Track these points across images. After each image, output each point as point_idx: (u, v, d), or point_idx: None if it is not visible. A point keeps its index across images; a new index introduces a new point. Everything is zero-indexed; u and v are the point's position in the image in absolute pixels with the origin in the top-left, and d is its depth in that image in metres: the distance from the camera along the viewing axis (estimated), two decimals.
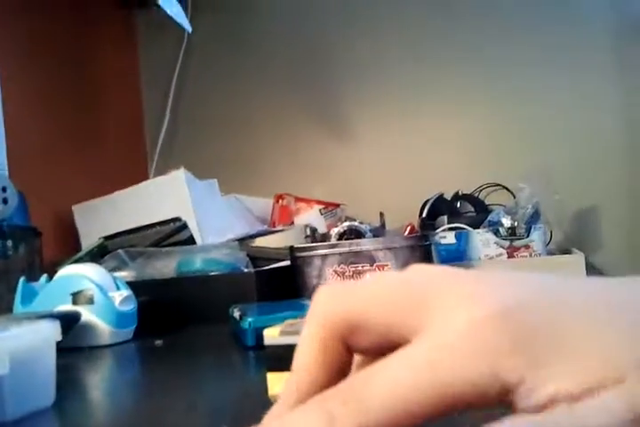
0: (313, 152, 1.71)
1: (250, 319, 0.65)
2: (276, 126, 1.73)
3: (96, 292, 0.78)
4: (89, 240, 1.29)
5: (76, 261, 1.08)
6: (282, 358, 0.41)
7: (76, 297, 0.78)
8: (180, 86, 1.80)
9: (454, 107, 1.63)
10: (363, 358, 0.23)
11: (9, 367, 0.41)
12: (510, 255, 1.17)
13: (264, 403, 0.41)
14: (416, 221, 1.36)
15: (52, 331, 0.47)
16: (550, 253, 1.23)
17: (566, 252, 1.23)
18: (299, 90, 1.73)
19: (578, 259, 1.08)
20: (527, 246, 1.17)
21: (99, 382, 0.61)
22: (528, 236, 1.18)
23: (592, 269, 1.17)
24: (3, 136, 1.23)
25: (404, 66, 1.66)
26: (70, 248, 1.34)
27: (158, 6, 1.36)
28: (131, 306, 0.80)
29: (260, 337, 0.64)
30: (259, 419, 0.39)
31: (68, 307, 0.77)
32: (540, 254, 1.16)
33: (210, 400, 0.48)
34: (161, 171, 1.64)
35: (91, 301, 0.77)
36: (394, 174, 1.65)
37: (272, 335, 0.42)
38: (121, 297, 0.79)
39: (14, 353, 0.43)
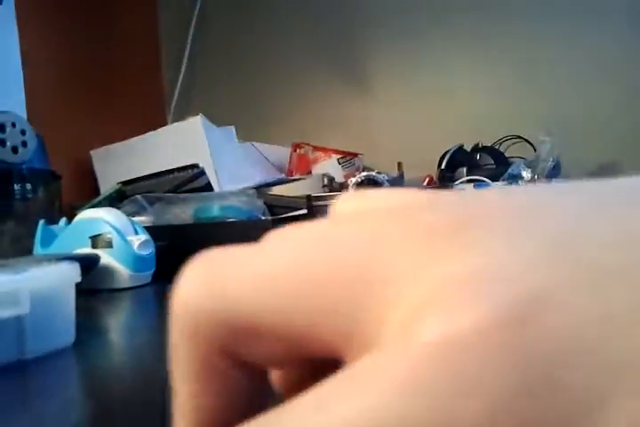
0: (331, 101, 1.69)
1: None
2: (295, 75, 1.71)
3: (115, 235, 0.78)
4: (107, 185, 1.30)
5: (95, 206, 1.08)
6: None
7: (94, 240, 0.78)
8: (199, 32, 1.77)
9: (476, 59, 1.59)
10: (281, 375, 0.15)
11: (29, 307, 0.42)
12: None
13: None
14: (435, 173, 1.35)
15: (72, 272, 0.48)
16: None
17: None
18: (318, 39, 1.69)
19: None
20: None
21: (117, 324, 0.62)
22: None
23: None
24: (21, 80, 1.22)
25: (423, 18, 1.61)
26: (88, 193, 1.35)
27: None
28: (149, 250, 0.81)
29: None
30: None
31: (86, 250, 0.78)
32: None
33: None
34: (178, 117, 1.64)
35: (109, 244, 0.78)
36: (413, 125, 1.63)
37: None
38: (139, 241, 0.79)
39: (34, 293, 0.43)
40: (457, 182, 1.24)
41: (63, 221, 0.86)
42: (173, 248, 0.88)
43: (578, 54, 1.51)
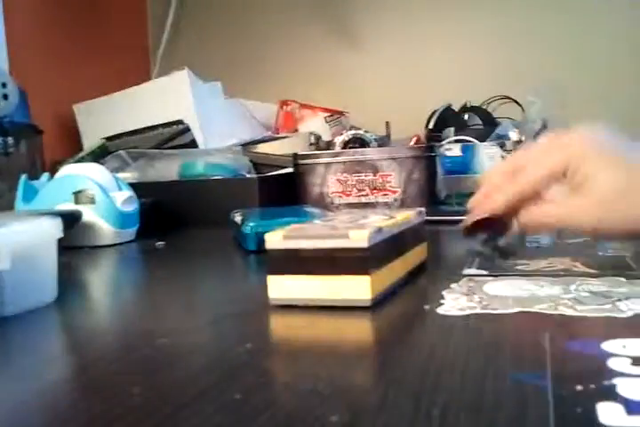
0: (319, 59, 1.66)
1: (251, 224, 0.65)
2: (282, 32, 1.67)
3: (98, 191, 0.77)
4: (90, 140, 1.28)
5: (78, 162, 1.07)
6: (283, 261, 0.42)
7: (77, 196, 0.77)
8: None
9: (465, 16, 1.56)
10: None
11: (10, 263, 0.42)
12: None
13: (265, 305, 0.41)
14: (422, 132, 1.34)
15: (54, 228, 0.47)
16: None
17: None
18: None
19: None
20: None
21: (100, 280, 0.62)
22: None
23: None
24: (3, 33, 1.19)
25: None
26: (71, 148, 1.33)
27: None
28: (133, 207, 0.80)
29: (261, 242, 0.64)
30: (259, 319, 0.40)
31: (69, 206, 0.77)
32: None
33: (211, 301, 0.48)
34: (164, 72, 1.60)
35: (92, 200, 0.77)
36: (401, 84, 1.61)
37: (274, 239, 0.42)
38: (123, 197, 0.79)
39: (15, 249, 0.43)
40: (444, 142, 1.23)
41: (45, 176, 0.85)
42: (158, 205, 0.87)
43: (568, 15, 1.49)
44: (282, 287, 0.42)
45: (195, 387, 0.28)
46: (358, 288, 0.40)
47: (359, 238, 0.40)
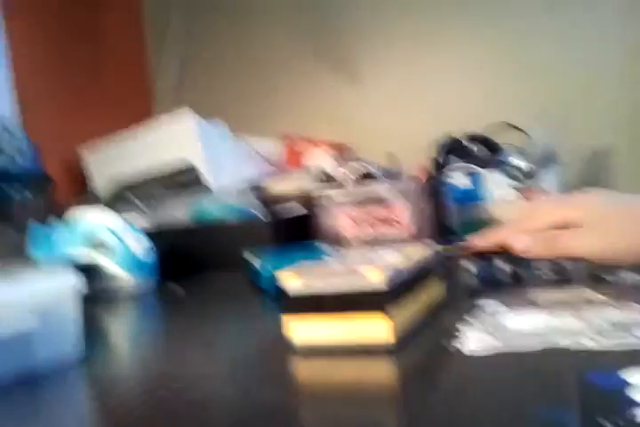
0: (318, 92, 1.68)
1: (269, 266, 0.66)
2: (282, 65, 1.70)
3: (115, 241, 0.78)
4: (97, 181, 1.30)
5: (89, 208, 1.08)
6: (303, 304, 0.42)
7: (95, 246, 0.78)
8: (184, 23, 1.76)
9: (467, 46, 1.59)
10: None
11: (37, 321, 0.42)
12: (524, 196, 1.16)
13: (285, 345, 0.42)
14: (426, 162, 1.35)
15: (77, 283, 0.48)
16: (563, 193, 1.22)
17: None
18: (306, 29, 1.68)
19: None
20: (540, 187, 1.17)
21: (123, 331, 0.62)
22: (541, 177, 1.17)
23: None
24: (12, 84, 1.21)
25: (410, 3, 1.61)
26: (79, 192, 1.34)
27: None
28: (150, 256, 0.81)
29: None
30: (280, 361, 0.40)
31: (84, 253, 0.78)
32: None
33: (233, 344, 0.49)
34: (165, 110, 1.62)
35: (110, 250, 0.78)
36: (403, 114, 1.63)
37: (291, 282, 0.42)
38: (141, 247, 0.79)
39: (41, 306, 0.44)
40: (450, 171, 1.24)
41: (58, 222, 0.86)
42: (173, 252, 0.88)
43: (571, 42, 1.51)
44: (304, 332, 0.42)
45: None
46: (380, 332, 0.40)
47: (378, 280, 0.40)
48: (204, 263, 0.89)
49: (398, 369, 0.38)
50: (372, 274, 0.40)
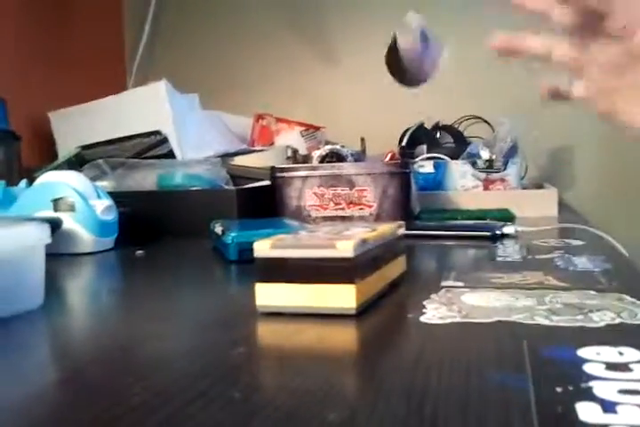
0: (296, 73, 1.68)
1: (233, 234, 0.66)
2: (261, 45, 1.70)
3: (77, 199, 0.78)
4: (65, 148, 1.27)
5: (54, 169, 1.07)
6: (271, 270, 0.43)
7: (57, 204, 0.78)
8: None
9: (442, 39, 1.60)
10: None
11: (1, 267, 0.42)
12: (486, 187, 1.19)
13: (252, 312, 0.43)
14: (396, 150, 1.36)
15: (42, 234, 0.48)
16: (524, 187, 1.25)
17: (540, 187, 1.26)
18: (285, 9, 1.68)
19: (550, 194, 1.11)
20: (502, 180, 1.19)
21: (83, 287, 0.62)
22: (505, 169, 1.19)
23: (564, 205, 1.19)
24: None
25: None
26: (46, 155, 1.32)
27: None
28: (112, 215, 0.81)
29: (242, 252, 0.66)
30: (247, 325, 0.41)
31: (48, 213, 0.77)
32: (514, 188, 1.19)
33: (197, 307, 0.49)
34: (140, 82, 1.61)
35: (72, 208, 0.77)
36: (376, 101, 1.64)
37: (262, 248, 0.43)
38: (102, 206, 0.79)
39: (4, 253, 0.43)
40: (417, 159, 1.26)
41: (24, 182, 0.85)
42: (136, 214, 0.88)
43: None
44: (269, 295, 0.43)
45: (195, 387, 0.29)
46: (344, 297, 0.41)
47: (345, 249, 0.41)
48: (168, 229, 0.89)
49: (359, 333, 0.39)
50: (341, 243, 0.41)
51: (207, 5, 1.73)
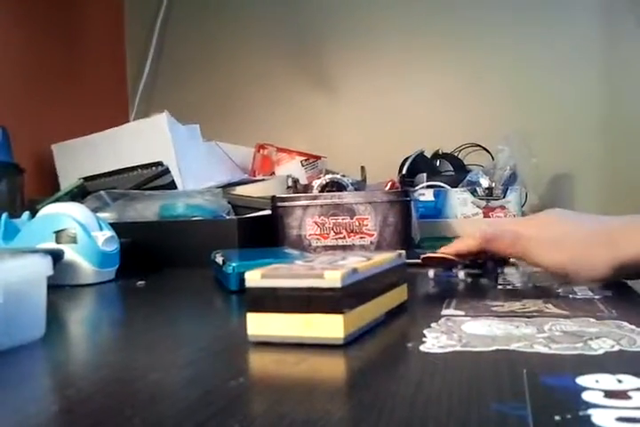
0: (296, 103, 1.70)
1: (233, 264, 0.66)
2: (260, 76, 1.72)
3: (79, 231, 0.78)
4: (68, 180, 1.28)
5: (56, 201, 1.07)
6: (261, 299, 0.43)
7: (59, 235, 0.78)
8: (165, 29, 1.77)
9: (438, 66, 1.63)
10: None
11: (2, 298, 0.42)
12: (486, 215, 1.19)
13: (244, 342, 0.43)
14: (396, 178, 1.37)
15: (44, 265, 0.48)
16: (524, 214, 1.25)
17: None
18: (284, 41, 1.71)
19: None
20: (502, 207, 1.20)
21: (84, 318, 0.62)
22: (504, 197, 1.20)
23: None
24: None
25: (386, 23, 1.64)
26: (49, 187, 1.33)
27: None
28: (113, 246, 0.81)
29: (243, 282, 0.66)
30: (246, 357, 0.41)
31: (50, 245, 0.78)
32: (514, 215, 1.19)
33: (195, 339, 0.49)
34: (142, 114, 1.63)
35: (74, 240, 0.78)
36: (375, 130, 1.65)
37: (253, 278, 0.44)
38: (104, 237, 0.80)
39: (7, 285, 0.44)
40: (417, 187, 1.26)
41: (26, 214, 0.85)
42: (137, 245, 0.88)
43: (538, 67, 1.56)
44: (260, 324, 0.43)
45: (194, 418, 0.29)
46: (332, 327, 0.41)
47: (333, 278, 0.42)
48: (169, 259, 0.90)
49: (357, 363, 0.39)
50: (329, 273, 0.42)
51: (208, 38, 1.75)
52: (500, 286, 0.64)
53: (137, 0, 1.79)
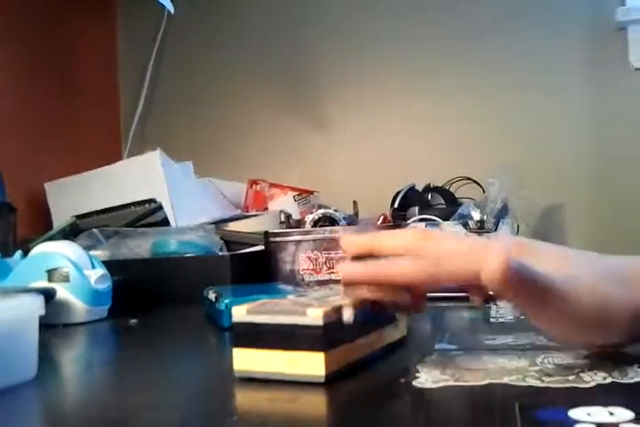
0: (288, 139, 1.72)
1: (226, 301, 0.66)
2: (252, 112, 1.74)
3: (72, 269, 0.78)
4: (61, 219, 1.28)
5: (49, 239, 1.08)
6: (246, 335, 0.43)
7: (51, 274, 0.78)
8: (157, 67, 1.79)
9: (429, 101, 1.65)
10: None
11: None
12: None
13: (231, 379, 0.43)
14: (388, 212, 1.38)
15: (36, 305, 0.48)
16: None
17: None
18: (276, 77, 1.73)
19: None
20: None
21: (76, 357, 0.62)
22: (496, 229, 1.21)
23: None
24: None
25: (379, 59, 1.67)
26: (42, 226, 1.33)
27: None
28: (106, 284, 0.81)
29: None
30: (232, 394, 0.41)
31: (43, 284, 0.77)
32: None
33: (188, 377, 0.49)
34: (135, 151, 1.64)
35: (66, 278, 0.78)
36: (367, 165, 1.67)
37: (239, 313, 0.44)
38: (96, 275, 0.79)
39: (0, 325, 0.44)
40: (409, 221, 1.27)
41: (18, 253, 0.85)
42: (130, 283, 0.88)
43: (527, 100, 1.58)
44: (245, 360, 0.43)
45: None
46: (313, 365, 0.41)
47: (315, 316, 0.42)
48: (162, 297, 0.89)
49: (351, 399, 0.39)
50: (312, 311, 0.42)
51: (199, 76, 1.78)
52: (492, 320, 0.64)
53: (130, 40, 1.82)
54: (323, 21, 1.71)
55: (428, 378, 0.41)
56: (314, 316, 0.41)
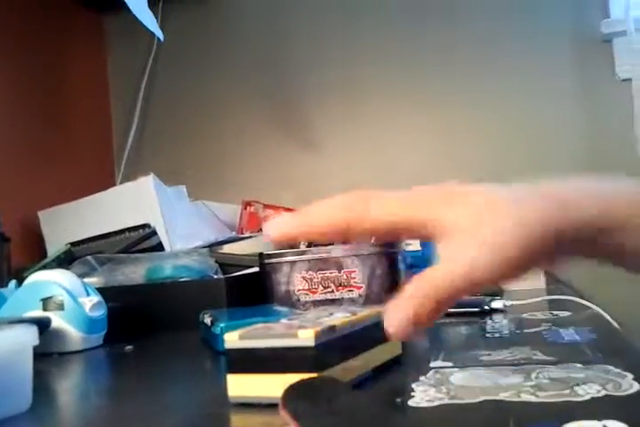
0: (280, 160, 1.73)
1: (222, 325, 0.66)
2: (244, 134, 1.75)
3: (66, 297, 0.78)
4: (55, 246, 1.28)
5: (43, 267, 1.07)
6: (240, 360, 0.43)
7: (46, 303, 0.78)
8: (149, 91, 1.80)
9: (419, 114, 1.66)
10: None
11: None
12: None
13: (227, 404, 0.42)
14: None
15: (30, 335, 0.48)
16: None
17: None
18: (267, 99, 1.74)
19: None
20: None
21: (71, 387, 0.61)
22: None
23: (548, 275, 1.20)
24: None
25: (368, 81, 1.69)
26: (36, 254, 1.33)
27: (129, 9, 1.35)
28: (101, 312, 0.81)
29: None
30: (228, 420, 0.41)
31: (37, 313, 0.77)
32: None
33: (184, 403, 0.49)
34: (128, 177, 1.64)
35: (61, 306, 0.78)
36: (360, 184, 1.67)
37: (232, 339, 0.44)
38: (91, 303, 0.79)
39: None
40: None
41: (13, 283, 0.85)
42: (126, 309, 0.88)
43: (514, 111, 1.59)
44: (240, 385, 0.43)
45: None
46: None
47: (307, 337, 0.42)
48: (157, 322, 0.89)
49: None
50: (303, 332, 0.42)
51: (191, 99, 1.79)
52: (488, 335, 0.64)
53: (120, 68, 1.84)
54: (310, 40, 1.73)
55: (423, 397, 0.41)
56: (305, 337, 0.41)
